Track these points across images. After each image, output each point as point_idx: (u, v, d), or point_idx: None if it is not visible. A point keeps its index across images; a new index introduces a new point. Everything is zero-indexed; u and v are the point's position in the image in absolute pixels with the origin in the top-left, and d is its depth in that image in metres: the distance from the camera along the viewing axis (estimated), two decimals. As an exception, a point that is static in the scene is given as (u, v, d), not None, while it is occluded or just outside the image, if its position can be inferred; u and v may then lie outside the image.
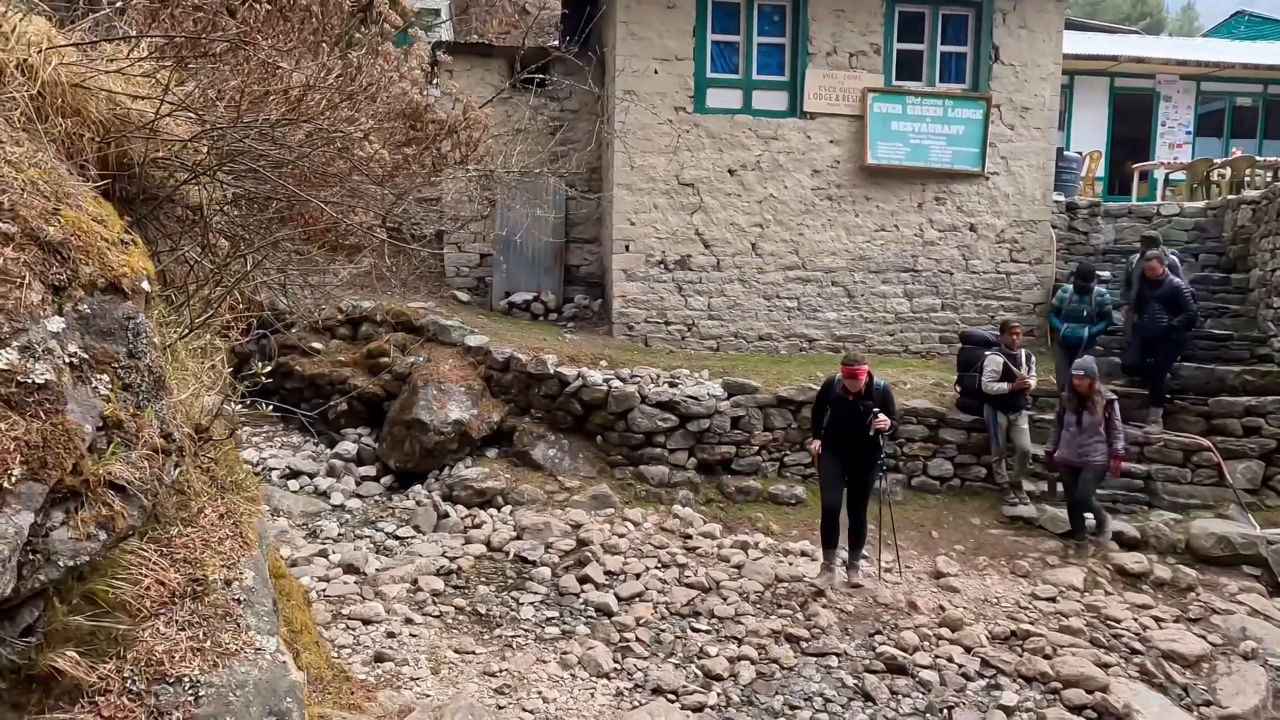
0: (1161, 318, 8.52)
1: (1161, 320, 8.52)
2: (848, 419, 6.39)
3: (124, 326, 1.71)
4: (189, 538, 1.85)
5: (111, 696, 1.54)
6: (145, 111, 2.67)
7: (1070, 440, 7.43)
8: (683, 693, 5.11)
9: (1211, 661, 5.90)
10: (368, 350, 9.48)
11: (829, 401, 6.55)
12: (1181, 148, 15.85)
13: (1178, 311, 8.52)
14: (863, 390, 6.33)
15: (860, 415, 6.33)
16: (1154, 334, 8.58)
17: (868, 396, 6.34)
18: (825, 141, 10.57)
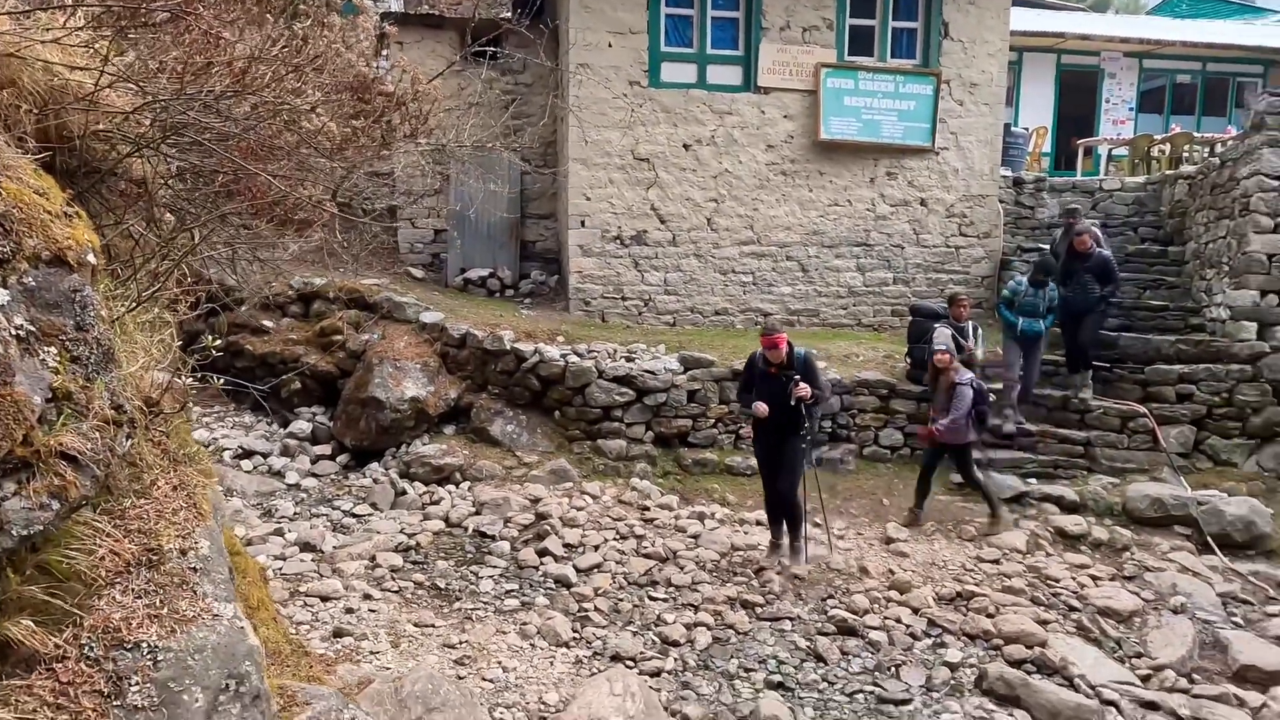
0: (1093, 289, 8.68)
1: (1093, 291, 8.68)
2: (772, 394, 6.21)
3: (70, 299, 1.71)
4: (142, 509, 1.87)
5: (69, 663, 1.56)
6: (84, 83, 2.62)
7: (935, 418, 7.46)
8: (641, 659, 5.22)
9: (1143, 616, 6.20)
10: (320, 328, 9.36)
11: (753, 379, 6.42)
12: (1124, 124, 16.27)
13: (1107, 282, 8.71)
14: (785, 360, 6.18)
15: (784, 388, 6.16)
16: (1084, 305, 8.72)
17: (789, 367, 6.19)
18: (779, 116, 10.65)
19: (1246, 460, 8.62)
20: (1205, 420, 8.74)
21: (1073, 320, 8.83)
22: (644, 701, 4.38)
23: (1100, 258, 8.75)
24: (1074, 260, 8.82)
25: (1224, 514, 7.57)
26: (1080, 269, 8.75)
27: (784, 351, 6.17)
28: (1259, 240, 8.91)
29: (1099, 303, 8.75)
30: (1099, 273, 8.70)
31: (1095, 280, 8.69)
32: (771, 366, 6.22)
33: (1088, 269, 8.72)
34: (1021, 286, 8.72)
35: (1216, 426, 8.70)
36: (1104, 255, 8.81)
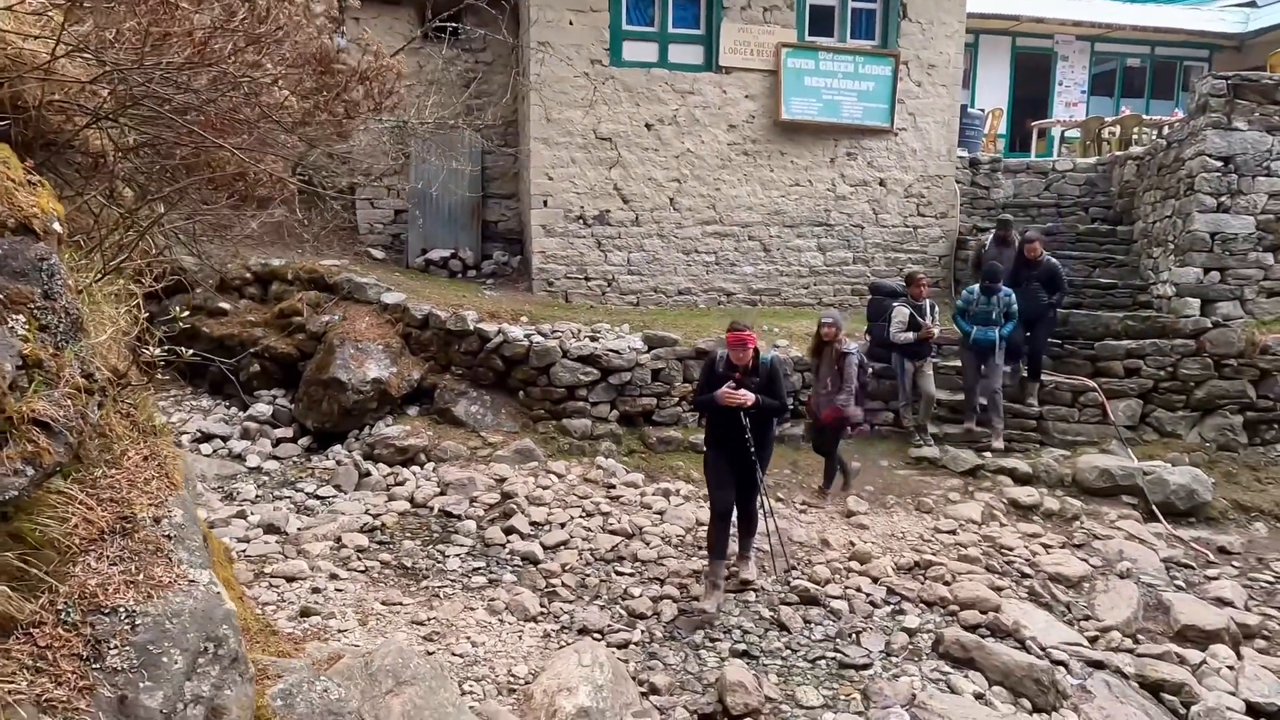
0: (1041, 296, 8.66)
1: (1042, 299, 8.67)
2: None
3: (37, 267, 1.70)
4: (114, 478, 1.87)
5: (46, 629, 1.57)
6: (39, 52, 2.57)
7: (819, 393, 7.41)
8: (608, 631, 5.30)
9: (1091, 581, 6.44)
10: (279, 310, 9.24)
11: (712, 381, 5.55)
12: (1077, 106, 16.62)
13: (1054, 290, 8.73)
14: (750, 365, 5.45)
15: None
16: (1034, 313, 8.63)
17: (754, 373, 5.46)
18: (741, 96, 10.70)
19: (1189, 432, 8.96)
20: (1151, 394, 9.05)
21: (1024, 328, 8.71)
22: (612, 672, 4.46)
23: (1049, 266, 8.75)
24: (1023, 268, 8.79)
25: (1168, 483, 7.87)
26: (1029, 276, 8.72)
27: (751, 353, 5.44)
28: (1202, 219, 9.21)
29: (1048, 310, 8.74)
30: (1047, 280, 8.71)
31: (1043, 288, 8.69)
32: (735, 371, 5.42)
33: (1036, 277, 8.71)
34: (973, 295, 8.53)
35: (1162, 400, 9.02)
36: (1053, 264, 8.81)
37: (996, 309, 8.36)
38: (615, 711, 4.22)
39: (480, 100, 10.54)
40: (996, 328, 8.36)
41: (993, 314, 8.36)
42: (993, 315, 8.36)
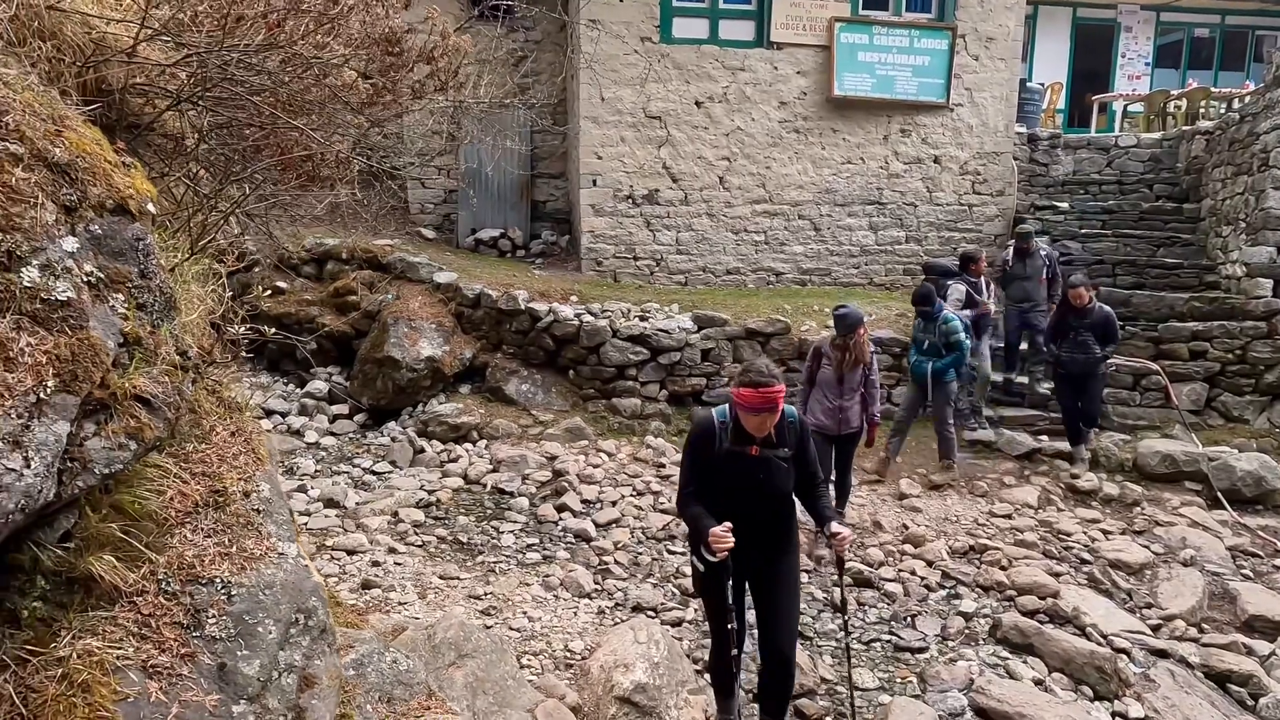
0: (1093, 350, 7.55)
1: (1094, 351, 7.55)
2: (749, 489, 3.49)
3: (134, 247, 1.75)
4: (205, 453, 1.93)
5: (149, 597, 1.63)
6: (121, 35, 2.63)
7: (828, 403, 6.28)
8: (662, 609, 5.34)
9: (1154, 569, 6.29)
10: (335, 288, 9.40)
11: (711, 462, 3.51)
12: (1140, 79, 16.04)
13: (1108, 340, 7.60)
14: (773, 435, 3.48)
15: (769, 479, 3.50)
16: (1085, 368, 7.62)
17: (779, 442, 3.51)
18: (792, 73, 10.53)
19: (1258, 417, 8.67)
20: (1218, 377, 8.77)
21: (1070, 384, 7.80)
22: (668, 649, 4.49)
23: (1102, 314, 7.59)
24: (1070, 315, 7.66)
25: (1234, 470, 7.64)
26: (1079, 325, 7.60)
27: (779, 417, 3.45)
28: (1277, 196, 8.84)
29: (1100, 363, 7.64)
30: (1100, 331, 7.57)
31: (1096, 339, 7.55)
32: (751, 445, 3.45)
33: (1086, 326, 7.57)
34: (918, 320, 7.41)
35: (1229, 384, 8.74)
36: (1105, 311, 7.63)
37: (931, 336, 7.16)
38: (671, 688, 4.26)
39: (529, 79, 10.54)
40: (930, 359, 7.17)
41: (924, 342, 7.21)
42: (924, 343, 7.22)
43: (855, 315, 6.24)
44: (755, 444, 3.45)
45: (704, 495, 3.49)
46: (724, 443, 3.47)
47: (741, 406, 3.38)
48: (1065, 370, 7.76)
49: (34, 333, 1.47)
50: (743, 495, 3.47)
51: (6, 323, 1.44)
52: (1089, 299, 7.59)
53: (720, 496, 3.46)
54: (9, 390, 1.40)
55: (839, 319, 6.28)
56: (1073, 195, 11.35)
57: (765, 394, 3.32)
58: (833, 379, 6.26)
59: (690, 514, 3.53)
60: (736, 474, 3.46)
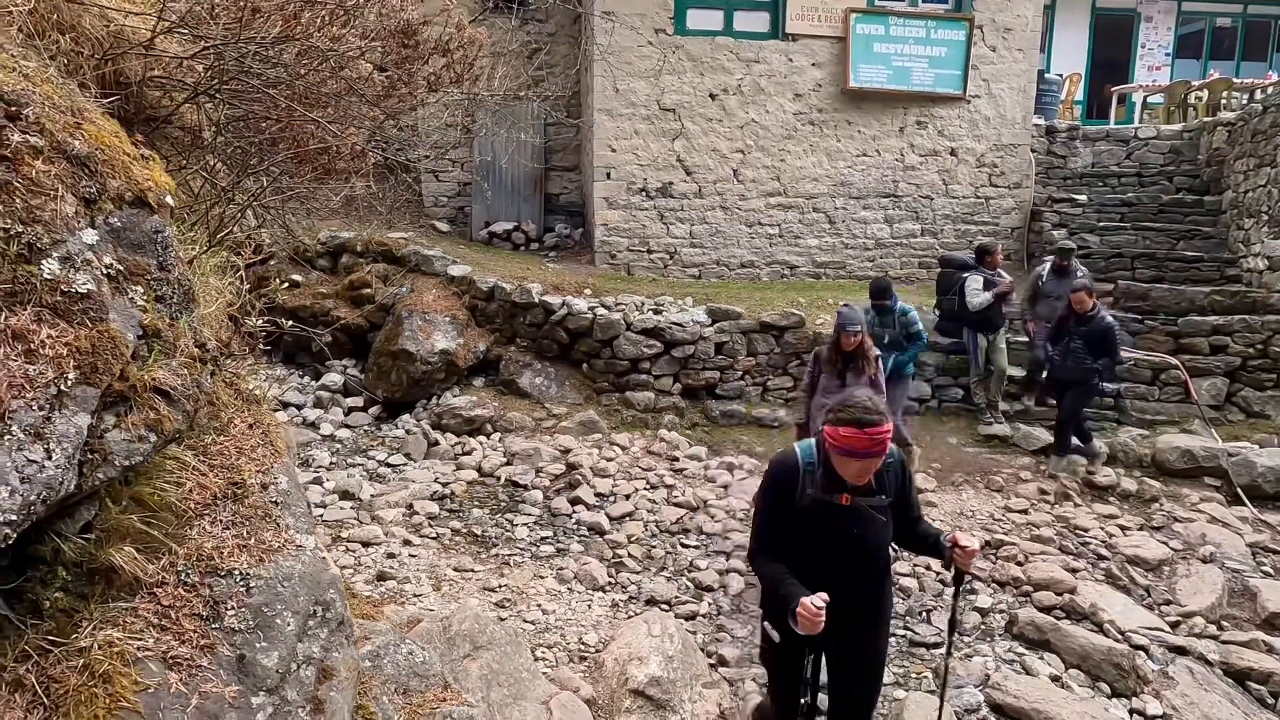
0: (1085, 359, 7.14)
1: (1085, 361, 7.15)
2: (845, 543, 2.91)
3: (153, 240, 1.75)
4: (223, 445, 1.93)
5: (168, 588, 1.64)
6: (139, 28, 2.63)
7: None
8: (676, 603, 5.34)
9: (1172, 565, 6.23)
10: (349, 281, 9.43)
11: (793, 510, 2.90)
12: (1160, 70, 15.84)
13: (1105, 354, 7.15)
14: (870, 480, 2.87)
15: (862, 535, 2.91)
16: (1073, 375, 7.26)
17: (878, 489, 2.90)
18: (807, 64, 10.46)
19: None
20: (1239, 372, 8.67)
21: (1059, 391, 7.52)
22: (682, 643, 4.49)
23: (1103, 325, 7.08)
24: (1070, 319, 7.23)
25: (1255, 465, 7.55)
26: (1076, 332, 7.16)
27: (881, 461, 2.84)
28: (1300, 188, 8.71)
29: (1090, 376, 7.20)
30: (1097, 343, 7.08)
31: (1088, 350, 7.11)
32: (843, 492, 2.86)
33: (1085, 335, 7.10)
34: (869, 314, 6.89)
35: (1250, 379, 8.64)
36: (1107, 322, 7.12)
37: (891, 330, 6.95)
38: (685, 682, 4.26)
39: (543, 72, 10.52)
40: (892, 353, 6.85)
41: (885, 337, 6.88)
42: (885, 339, 6.87)
43: (848, 315, 5.77)
44: (847, 491, 2.84)
45: (783, 551, 2.89)
46: (809, 490, 2.85)
47: (838, 449, 2.73)
48: (1055, 377, 7.46)
49: (54, 325, 1.48)
50: (831, 553, 2.86)
51: (27, 315, 1.45)
52: (1092, 305, 7.10)
53: (803, 554, 2.85)
54: (30, 382, 1.40)
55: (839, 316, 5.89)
56: (1091, 188, 11.23)
57: (873, 436, 2.66)
58: (833, 385, 5.74)
59: (768, 574, 2.90)
60: (824, 528, 2.85)
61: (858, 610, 2.95)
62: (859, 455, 2.73)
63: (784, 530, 2.91)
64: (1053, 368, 7.45)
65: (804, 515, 2.87)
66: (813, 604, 2.60)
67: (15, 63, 1.80)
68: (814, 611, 2.60)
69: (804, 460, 2.91)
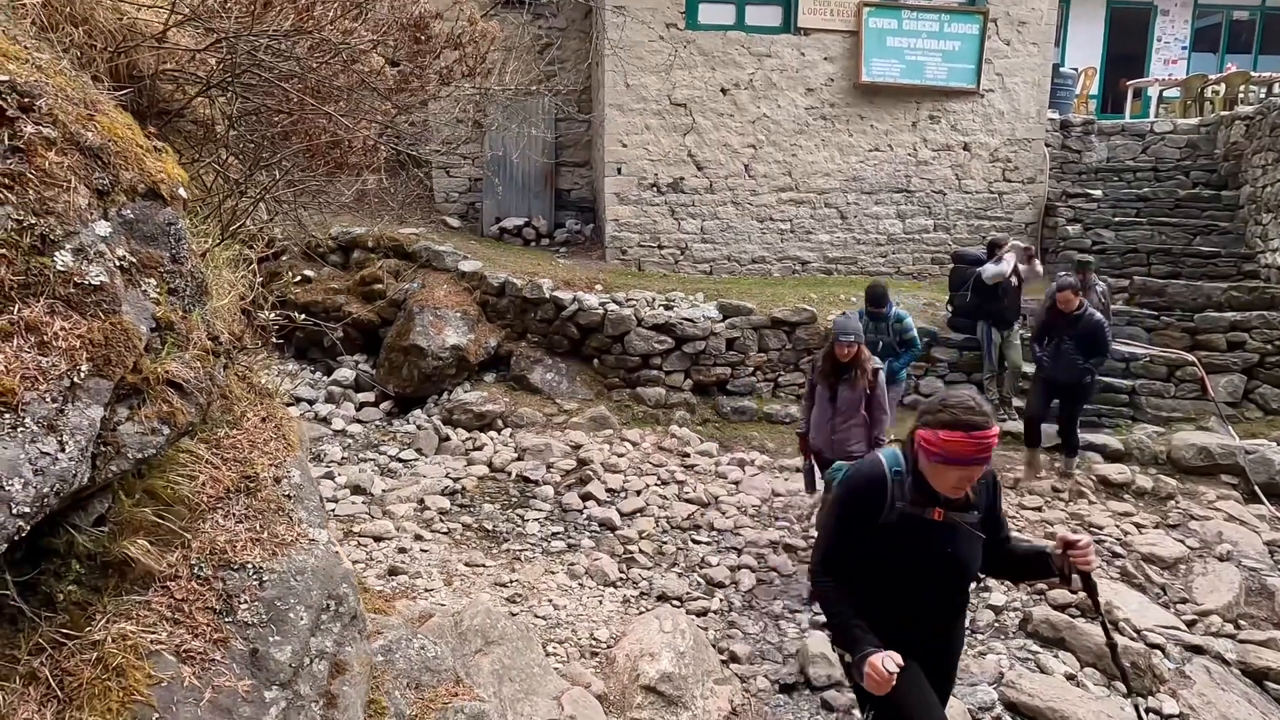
0: (1077, 358, 6.88)
1: (1077, 361, 6.89)
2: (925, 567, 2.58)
3: (166, 232, 1.74)
4: (236, 439, 1.93)
5: (181, 581, 1.63)
6: (152, 21, 2.63)
7: (821, 423, 5.49)
8: (687, 599, 5.32)
9: (1188, 563, 6.18)
10: (361, 277, 9.44)
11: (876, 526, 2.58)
12: (1176, 63, 15.67)
13: (1095, 353, 6.92)
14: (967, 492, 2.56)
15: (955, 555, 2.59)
16: (1068, 378, 6.99)
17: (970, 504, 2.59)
18: (819, 59, 10.40)
19: (1297, 409, 8.47)
20: (1256, 369, 8.58)
21: (1049, 392, 7.26)
22: (693, 639, 4.47)
23: (1091, 323, 6.85)
24: (1057, 320, 6.98)
25: (1273, 463, 7.48)
26: (1064, 333, 6.92)
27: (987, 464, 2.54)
28: (1320, 183, 8.61)
29: (1084, 375, 6.97)
30: (1087, 341, 6.86)
31: (1078, 349, 6.88)
32: (932, 504, 2.54)
33: (1074, 335, 6.87)
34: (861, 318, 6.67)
35: (1268, 375, 8.54)
36: (1094, 319, 6.89)
37: (886, 336, 6.79)
38: (697, 678, 4.24)
39: (554, 67, 10.50)
40: (887, 359, 6.64)
41: (879, 343, 6.70)
42: (879, 345, 6.66)
43: (844, 324, 5.43)
44: (940, 505, 2.51)
45: (857, 574, 2.56)
46: (898, 503, 2.51)
47: (937, 455, 2.39)
48: (1047, 377, 7.15)
49: (67, 317, 1.47)
50: (919, 573, 2.52)
51: (40, 307, 1.44)
52: (1078, 304, 6.86)
53: (885, 572, 2.53)
54: (43, 374, 1.39)
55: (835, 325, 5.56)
56: (1106, 182, 11.13)
57: (979, 440, 2.34)
58: (825, 396, 5.45)
59: (835, 612, 2.60)
60: (911, 547, 2.52)
61: (937, 643, 2.72)
62: (963, 462, 2.38)
63: (862, 547, 2.58)
64: (1043, 369, 7.17)
65: (889, 531, 2.54)
66: (885, 666, 2.34)
67: (29, 55, 1.79)
68: (884, 677, 2.34)
69: (891, 469, 2.57)
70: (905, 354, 6.96)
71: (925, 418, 2.47)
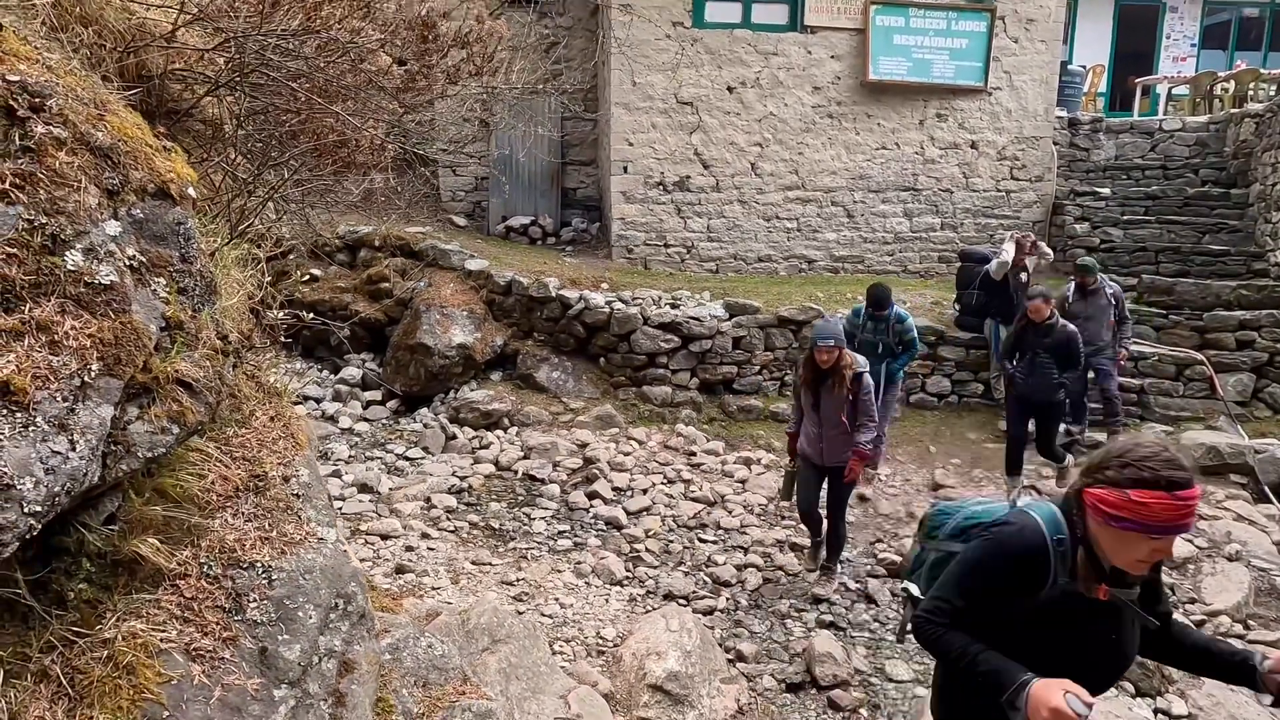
0: (1052, 372, 6.58)
1: (1052, 375, 6.58)
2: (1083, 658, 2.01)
3: (175, 231, 1.75)
4: (245, 438, 1.93)
5: (191, 580, 1.64)
6: (160, 21, 2.64)
7: (809, 432, 5.35)
8: (693, 598, 5.32)
9: (1197, 563, 6.15)
10: (368, 276, 9.46)
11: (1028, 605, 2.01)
12: (1185, 61, 15.59)
13: (1069, 366, 6.64)
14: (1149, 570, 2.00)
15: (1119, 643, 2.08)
16: (1041, 394, 6.67)
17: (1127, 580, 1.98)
18: (826, 57, 10.37)
19: (1307, 409, 8.42)
20: (1266, 368, 8.53)
21: (1024, 411, 6.91)
22: (699, 637, 4.47)
23: (1064, 334, 6.61)
24: (1029, 331, 6.69)
25: (1283, 462, 7.43)
26: (1038, 345, 6.62)
27: None
28: (1330, 181, 8.55)
29: (1058, 391, 6.71)
30: (1060, 354, 6.59)
31: (1054, 362, 6.60)
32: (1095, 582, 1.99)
33: (1049, 347, 6.58)
34: (859, 316, 6.72)
35: (1277, 374, 8.49)
36: (1069, 331, 6.65)
37: (885, 337, 6.72)
38: (703, 677, 4.24)
39: (560, 65, 10.49)
40: (885, 361, 6.67)
41: (879, 345, 6.66)
42: (879, 346, 6.65)
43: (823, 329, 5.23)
44: (1106, 581, 1.97)
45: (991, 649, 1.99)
46: (1060, 579, 1.98)
47: (1129, 522, 1.84)
48: (1020, 394, 6.80)
49: (78, 316, 1.47)
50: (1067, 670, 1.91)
51: (51, 306, 1.45)
52: (1049, 313, 6.59)
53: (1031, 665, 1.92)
54: (54, 373, 1.40)
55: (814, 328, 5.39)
56: (1115, 180, 11.08)
57: (1187, 502, 1.83)
58: (808, 403, 5.26)
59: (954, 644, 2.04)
60: (1068, 633, 1.99)
61: None
62: (1163, 531, 1.84)
63: (998, 626, 2.02)
64: (1017, 386, 6.77)
65: (1045, 614, 1.99)
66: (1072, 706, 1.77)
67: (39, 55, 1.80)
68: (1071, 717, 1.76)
69: (1052, 536, 2.00)
70: (904, 355, 6.95)
71: (1106, 474, 1.92)
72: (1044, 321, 6.58)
